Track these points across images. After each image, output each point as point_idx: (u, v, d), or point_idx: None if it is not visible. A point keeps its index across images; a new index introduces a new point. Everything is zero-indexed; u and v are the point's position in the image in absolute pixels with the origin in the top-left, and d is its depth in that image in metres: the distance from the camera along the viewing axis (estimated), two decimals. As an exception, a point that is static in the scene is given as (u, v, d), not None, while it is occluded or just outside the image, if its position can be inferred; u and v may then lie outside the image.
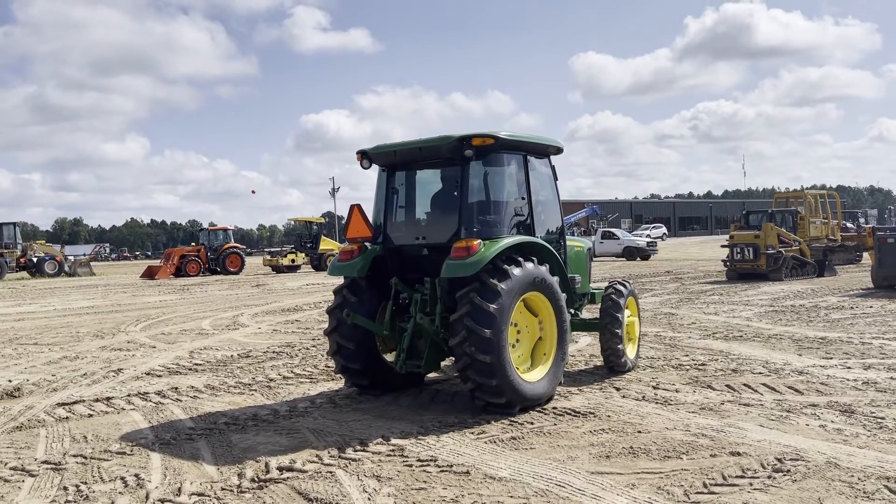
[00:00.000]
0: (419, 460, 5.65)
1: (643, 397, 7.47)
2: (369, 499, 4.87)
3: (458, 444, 6.07)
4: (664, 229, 75.33)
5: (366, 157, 7.79)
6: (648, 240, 41.06)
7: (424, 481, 5.19)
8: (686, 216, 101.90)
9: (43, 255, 43.41)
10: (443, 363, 7.95)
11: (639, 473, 5.20)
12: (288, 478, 5.34)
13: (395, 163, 7.80)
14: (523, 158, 7.65)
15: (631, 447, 5.78)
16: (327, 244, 42.10)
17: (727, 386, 7.84)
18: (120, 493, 5.15)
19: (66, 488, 5.28)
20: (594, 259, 9.59)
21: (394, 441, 6.17)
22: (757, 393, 7.52)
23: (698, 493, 4.79)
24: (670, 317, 13.87)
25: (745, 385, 7.84)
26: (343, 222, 7.74)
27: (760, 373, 8.47)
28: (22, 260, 42.31)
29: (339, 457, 5.78)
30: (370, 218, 7.85)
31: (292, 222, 53.76)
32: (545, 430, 6.38)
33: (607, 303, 8.65)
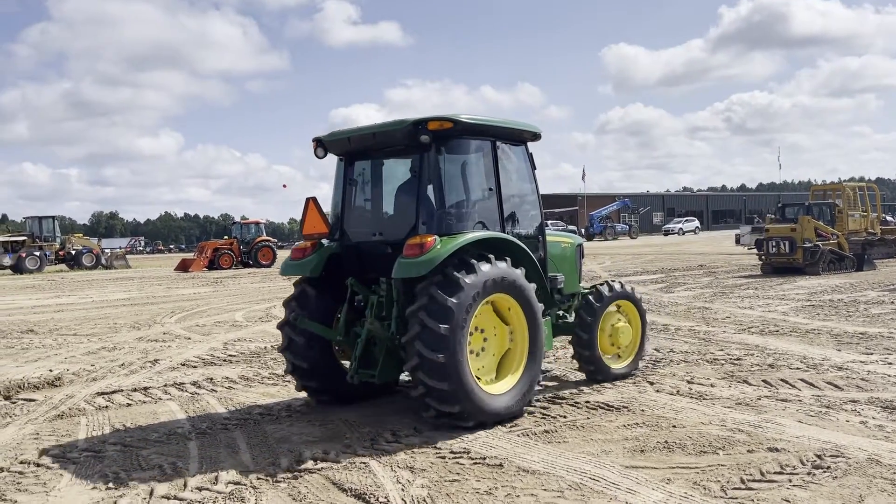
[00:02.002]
0: (452, 452, 5.66)
1: (677, 392, 7.38)
2: (403, 490, 4.89)
3: (490, 436, 6.07)
4: (697, 223, 74.39)
5: (320, 145, 7.13)
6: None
7: (458, 473, 5.19)
8: (719, 209, 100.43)
9: (81, 248, 44.27)
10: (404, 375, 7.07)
11: (674, 468, 5.15)
12: (322, 468, 5.38)
13: (352, 151, 7.14)
14: (491, 145, 6.90)
15: (666, 442, 5.72)
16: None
17: (764, 381, 7.72)
18: (158, 480, 5.24)
19: (106, 475, 5.39)
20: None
21: (426, 433, 6.18)
22: (795, 388, 7.39)
23: (735, 488, 4.73)
24: (704, 311, 13.70)
25: (782, 380, 7.71)
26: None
27: (798, 368, 8.33)
28: (61, 253, 43.22)
29: (373, 448, 5.82)
30: (328, 212, 7.28)
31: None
32: (578, 424, 6.34)
33: (582, 305, 7.91)
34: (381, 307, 6.71)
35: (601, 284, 8.09)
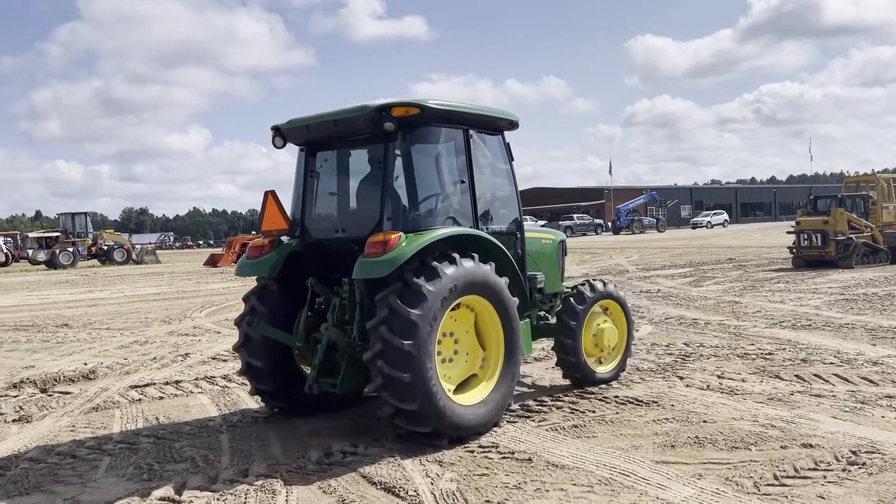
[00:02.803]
0: (481, 446, 5.66)
1: (707, 387, 7.31)
2: (432, 483, 4.90)
3: (519, 431, 6.06)
4: (725, 216, 73.46)
5: (279, 133, 6.59)
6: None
7: (486, 467, 5.20)
8: (749, 202, 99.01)
9: (112, 243, 44.96)
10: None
11: (705, 464, 5.10)
12: (351, 462, 5.42)
13: (313, 141, 6.57)
14: (464, 134, 6.37)
15: (696, 437, 5.67)
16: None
17: (796, 376, 7.61)
18: (192, 472, 5.32)
19: (140, 467, 5.48)
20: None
21: (455, 427, 6.19)
22: (829, 384, 7.28)
23: (769, 485, 4.67)
24: (734, 305, 13.53)
25: (815, 375, 7.60)
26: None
27: (832, 363, 8.19)
28: (93, 248, 43.93)
29: (401, 442, 5.83)
30: (289, 207, 6.79)
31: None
32: (607, 419, 6.31)
33: (564, 306, 7.39)
34: (343, 310, 6.16)
35: (583, 285, 7.54)
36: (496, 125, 6.79)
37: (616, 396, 7.02)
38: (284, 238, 6.60)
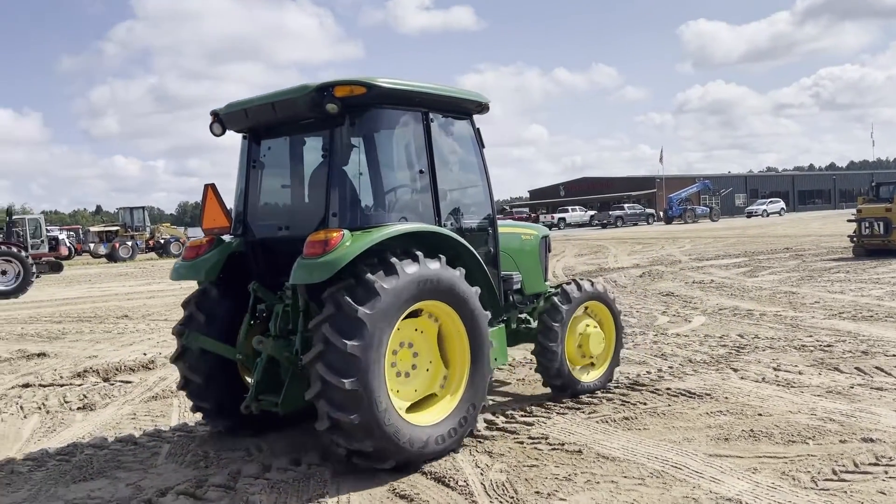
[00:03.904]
0: (530, 438, 5.66)
1: (763, 379, 7.15)
2: (482, 474, 4.93)
3: (569, 422, 6.03)
4: (782, 204, 71.50)
5: (217, 119, 5.91)
6: None
7: (536, 459, 5.19)
8: (806, 190, 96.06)
9: (168, 237, 46.15)
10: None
11: (761, 458, 5.00)
12: (402, 451, 5.47)
13: (254, 127, 5.90)
14: (422, 117, 5.70)
15: (751, 430, 5.55)
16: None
17: (857, 368, 7.38)
18: (246, 460, 5.46)
19: (197, 454, 5.65)
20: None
21: (504, 418, 6.20)
22: (891, 376, 7.04)
23: (827, 479, 4.56)
24: (791, 295, 13.17)
25: (877, 368, 7.36)
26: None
27: (894, 355, 7.92)
28: (150, 242, 45.19)
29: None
30: (233, 202, 6.14)
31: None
32: (659, 411, 6.23)
33: (546, 308, 6.71)
34: (287, 319, 5.50)
35: (567, 284, 6.87)
36: (462, 108, 6.06)
37: (668, 388, 6.92)
38: (228, 237, 5.98)
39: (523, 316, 6.94)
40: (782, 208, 70.25)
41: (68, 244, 44.27)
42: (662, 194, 68.93)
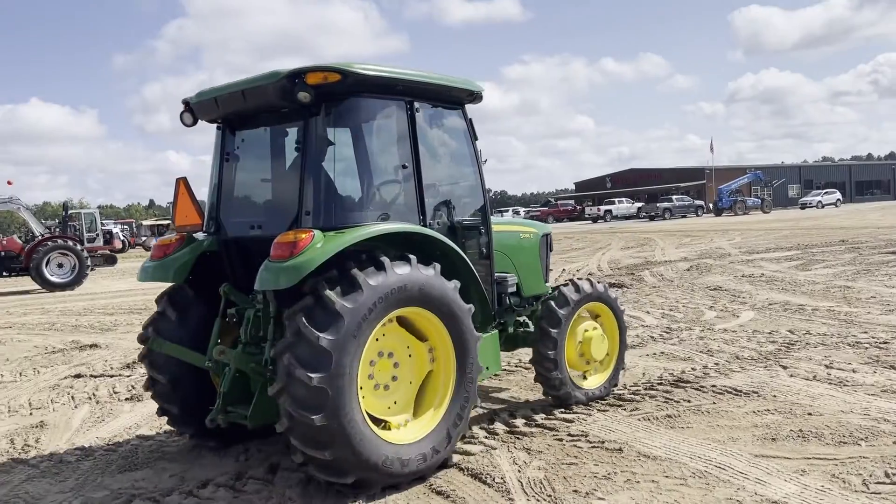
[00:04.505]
0: (570, 435, 5.58)
1: (814, 377, 6.92)
2: (519, 471, 4.87)
3: (610, 420, 5.93)
4: (838, 195, 69.31)
5: (188, 108, 5.53)
6: None
7: (575, 456, 5.12)
8: (864, 180, 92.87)
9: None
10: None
11: (809, 459, 4.84)
12: (440, 446, 5.44)
13: (227, 117, 5.50)
14: (406, 107, 5.25)
15: (800, 430, 5.38)
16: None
17: (914, 367, 7.09)
18: (285, 454, 5.45)
19: (239, 447, 5.69)
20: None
21: (543, 415, 6.13)
22: (951, 375, 6.74)
23: (879, 482, 4.38)
24: (845, 290, 12.74)
25: (936, 366, 7.06)
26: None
27: (955, 353, 7.59)
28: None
29: (489, 428, 5.83)
30: (211, 197, 5.67)
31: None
32: (703, 409, 6.08)
33: (543, 311, 6.27)
34: (258, 325, 5.08)
35: (565, 285, 6.41)
36: (452, 97, 5.61)
37: (713, 386, 6.75)
38: (201, 234, 5.59)
39: (522, 319, 6.56)
40: (838, 199, 68.11)
41: (122, 238, 45.62)
42: (712, 185, 67.56)
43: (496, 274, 6.02)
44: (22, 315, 15.91)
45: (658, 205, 61.09)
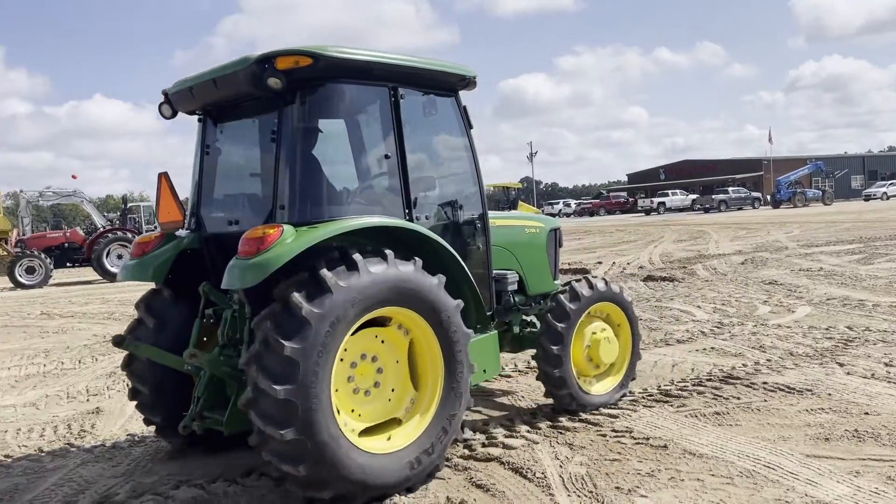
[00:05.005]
0: (614, 431, 5.50)
1: (872, 375, 6.66)
2: (561, 466, 4.83)
3: (656, 416, 5.82)
4: (905, 186, 66.57)
5: (167, 100, 5.23)
6: None
7: (619, 452, 5.04)
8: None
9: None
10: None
11: (864, 460, 4.66)
12: (483, 442, 5.43)
13: (205, 108, 5.24)
14: (389, 94, 4.92)
15: (856, 430, 5.19)
16: (525, 209, 42.42)
17: (981, 366, 6.77)
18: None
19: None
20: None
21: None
22: None
23: (939, 487, 4.19)
24: (909, 285, 12.24)
25: None
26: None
27: None
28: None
29: (532, 423, 5.79)
30: (193, 193, 5.43)
31: (491, 188, 54.58)
32: (753, 407, 5.92)
33: (550, 307, 5.91)
34: (235, 326, 4.85)
35: (577, 281, 6.06)
36: (443, 82, 5.24)
37: (765, 383, 6.57)
38: (183, 231, 5.33)
39: (528, 319, 6.30)
40: (905, 190, 65.46)
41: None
42: (770, 177, 65.69)
43: (495, 271, 5.71)
44: (83, 304, 16.48)
45: (713, 197, 59.74)
